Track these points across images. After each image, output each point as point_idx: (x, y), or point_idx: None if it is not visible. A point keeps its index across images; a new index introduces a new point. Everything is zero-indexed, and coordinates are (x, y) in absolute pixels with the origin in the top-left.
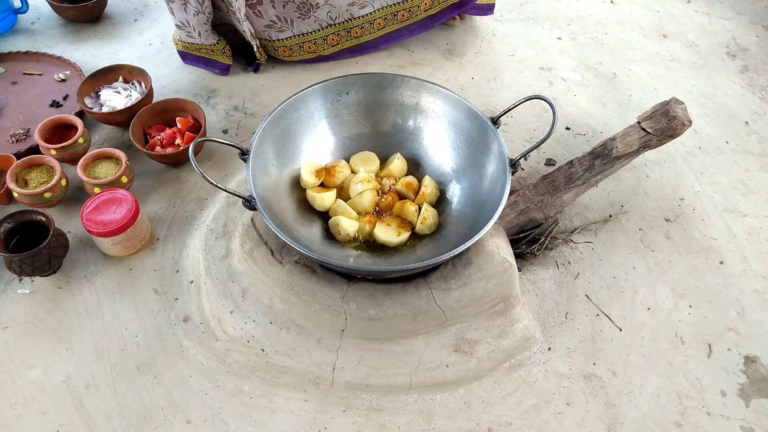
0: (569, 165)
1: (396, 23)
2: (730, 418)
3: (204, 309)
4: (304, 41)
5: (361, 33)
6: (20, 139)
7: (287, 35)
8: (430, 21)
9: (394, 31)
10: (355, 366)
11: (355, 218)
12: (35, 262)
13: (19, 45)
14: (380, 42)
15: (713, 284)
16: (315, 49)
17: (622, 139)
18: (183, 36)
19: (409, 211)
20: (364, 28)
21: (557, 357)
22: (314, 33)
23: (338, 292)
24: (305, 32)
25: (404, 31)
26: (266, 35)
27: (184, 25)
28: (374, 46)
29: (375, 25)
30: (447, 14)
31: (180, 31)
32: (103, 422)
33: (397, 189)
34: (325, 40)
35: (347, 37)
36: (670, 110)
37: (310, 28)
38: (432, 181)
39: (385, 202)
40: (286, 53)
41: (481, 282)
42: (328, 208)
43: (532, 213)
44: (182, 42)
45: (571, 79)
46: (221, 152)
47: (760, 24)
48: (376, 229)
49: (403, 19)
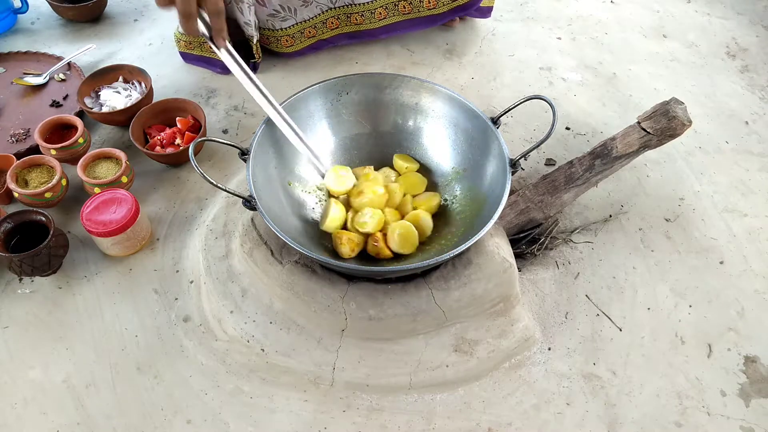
0: (569, 165)
1: (397, 15)
2: (730, 418)
3: (204, 309)
4: (305, 27)
5: (361, 20)
6: (20, 139)
7: (290, 23)
8: (432, 20)
9: (394, 23)
10: (355, 366)
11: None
12: (35, 262)
13: (19, 45)
14: (380, 32)
15: (713, 284)
16: (315, 33)
17: (622, 139)
18: None
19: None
20: (365, 16)
21: (557, 357)
22: (315, 18)
23: (338, 292)
24: (307, 18)
25: (405, 24)
26: (269, 24)
27: None
28: (373, 35)
29: (376, 14)
30: (449, 15)
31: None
32: (103, 422)
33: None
34: (324, 24)
35: (347, 21)
36: (670, 110)
37: (312, 14)
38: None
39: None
40: (288, 42)
41: (481, 282)
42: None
43: (532, 213)
44: (184, 40)
45: (571, 79)
46: (221, 152)
47: (760, 24)
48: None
49: (404, 12)
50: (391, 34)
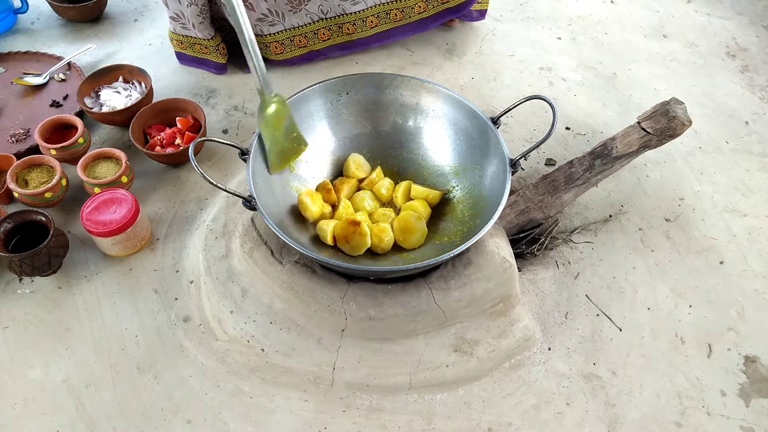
0: (569, 165)
1: (389, 22)
2: (730, 418)
3: (204, 309)
4: (294, 35)
5: (353, 30)
6: (20, 139)
7: (278, 29)
8: (424, 23)
9: (386, 30)
10: (355, 366)
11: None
12: (35, 262)
13: (19, 45)
14: (372, 41)
15: (713, 284)
16: (306, 43)
17: (622, 139)
18: (178, 28)
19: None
20: (357, 25)
21: (557, 357)
22: (305, 27)
23: (338, 292)
24: (296, 26)
25: (397, 32)
26: (258, 30)
27: (178, 16)
28: (366, 44)
29: (367, 23)
30: (441, 18)
31: (174, 23)
32: (103, 422)
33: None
34: (315, 34)
35: (338, 32)
36: (670, 110)
37: (302, 22)
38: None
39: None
40: (278, 49)
41: (481, 282)
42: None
43: (532, 213)
44: (177, 37)
45: (571, 79)
46: (221, 152)
47: (760, 24)
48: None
49: (396, 19)
50: (383, 42)
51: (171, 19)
